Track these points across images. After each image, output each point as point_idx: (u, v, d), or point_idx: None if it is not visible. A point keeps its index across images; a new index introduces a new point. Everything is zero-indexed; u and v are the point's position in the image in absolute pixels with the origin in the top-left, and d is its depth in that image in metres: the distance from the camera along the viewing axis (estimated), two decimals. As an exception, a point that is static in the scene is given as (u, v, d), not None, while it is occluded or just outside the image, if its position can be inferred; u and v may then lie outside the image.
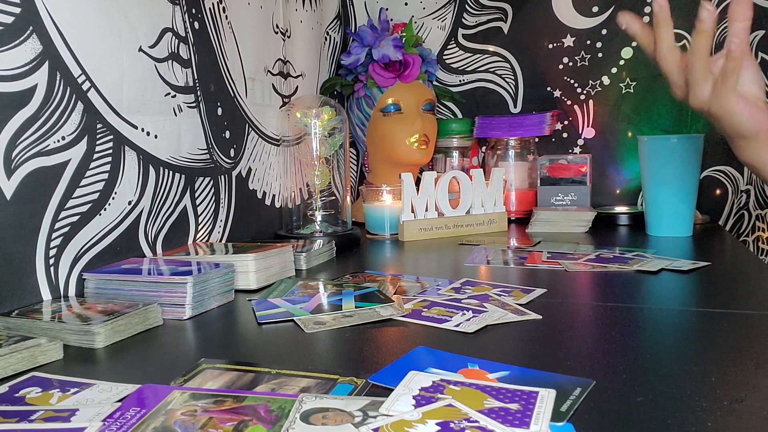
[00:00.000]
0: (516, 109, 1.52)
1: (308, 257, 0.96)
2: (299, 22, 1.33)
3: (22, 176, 0.67)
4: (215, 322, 0.70)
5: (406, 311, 0.68)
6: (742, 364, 0.52)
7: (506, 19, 1.51)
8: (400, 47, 1.37)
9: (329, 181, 1.17)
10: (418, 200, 1.21)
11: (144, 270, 0.75)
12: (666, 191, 1.15)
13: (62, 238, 0.73)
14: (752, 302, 0.72)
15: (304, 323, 0.65)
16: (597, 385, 0.47)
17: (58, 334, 0.60)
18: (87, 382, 0.50)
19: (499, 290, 0.77)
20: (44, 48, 0.70)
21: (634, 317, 0.67)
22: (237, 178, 1.09)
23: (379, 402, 0.44)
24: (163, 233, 0.90)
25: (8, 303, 0.66)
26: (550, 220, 1.28)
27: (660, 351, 0.57)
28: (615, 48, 1.42)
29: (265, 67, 1.18)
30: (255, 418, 0.42)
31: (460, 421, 0.41)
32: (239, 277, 0.81)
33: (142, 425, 0.42)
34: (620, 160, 1.44)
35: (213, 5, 1.01)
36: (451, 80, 1.57)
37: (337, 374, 0.50)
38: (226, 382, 0.50)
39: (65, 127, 0.73)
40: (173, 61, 0.91)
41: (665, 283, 0.82)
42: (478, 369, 0.51)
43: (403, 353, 0.55)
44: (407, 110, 1.38)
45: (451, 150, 1.51)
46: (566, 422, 0.41)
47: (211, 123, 1.01)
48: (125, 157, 0.82)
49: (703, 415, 0.42)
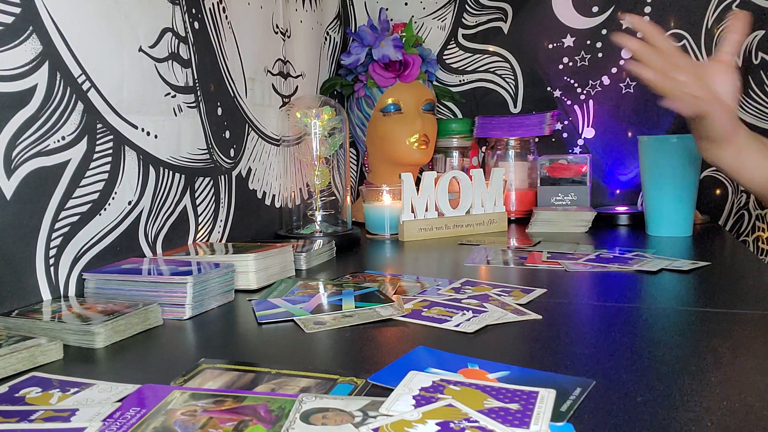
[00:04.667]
0: (516, 109, 1.52)
1: (308, 257, 0.96)
2: (299, 22, 1.33)
3: (22, 176, 0.67)
4: (215, 322, 0.70)
5: (406, 311, 0.68)
6: (741, 364, 0.52)
7: (506, 19, 1.51)
8: (400, 47, 1.37)
9: (329, 181, 1.17)
10: (418, 200, 1.21)
11: (144, 270, 0.75)
12: (666, 191, 1.15)
13: (62, 238, 0.73)
14: (752, 302, 0.72)
15: (304, 323, 0.65)
16: (597, 385, 0.47)
17: (58, 334, 0.60)
18: (87, 382, 0.50)
19: (499, 290, 0.77)
20: (44, 48, 0.70)
21: (634, 317, 0.67)
22: (237, 178, 1.08)
23: (379, 402, 0.44)
24: (163, 233, 0.90)
25: (8, 303, 0.66)
26: (550, 220, 1.28)
27: (660, 351, 0.57)
28: (615, 48, 1.41)
29: (265, 67, 1.18)
30: (255, 418, 0.42)
31: (460, 421, 0.41)
32: (239, 277, 0.81)
33: (142, 425, 0.42)
34: (620, 160, 1.44)
35: (213, 5, 1.01)
36: (451, 80, 1.57)
37: (337, 374, 0.50)
38: (226, 382, 0.50)
39: (65, 127, 0.73)
40: (173, 61, 0.91)
41: (665, 283, 0.82)
42: (478, 369, 0.51)
43: (403, 353, 0.55)
44: (407, 110, 1.38)
45: (451, 150, 1.51)
46: (566, 422, 0.41)
47: (211, 123, 1.01)
48: (125, 157, 0.82)
49: (703, 415, 0.42)
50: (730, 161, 0.80)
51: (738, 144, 0.78)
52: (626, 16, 0.81)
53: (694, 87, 0.75)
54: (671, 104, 0.76)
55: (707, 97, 0.75)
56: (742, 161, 0.80)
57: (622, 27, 1.40)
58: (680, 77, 0.75)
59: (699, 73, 0.77)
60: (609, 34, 1.42)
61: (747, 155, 0.79)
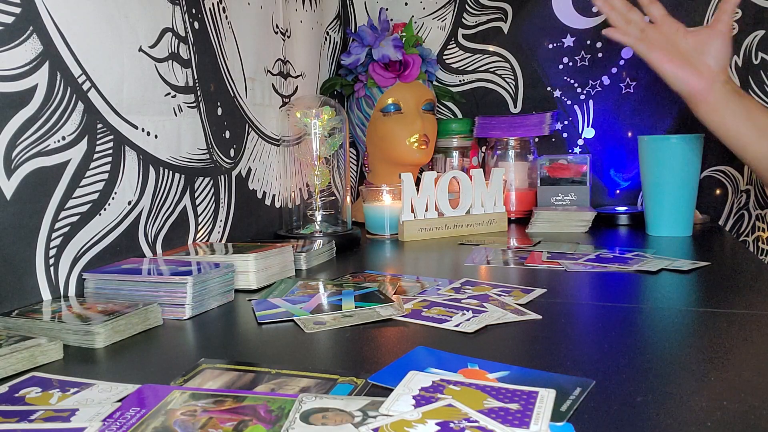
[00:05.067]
0: (516, 109, 1.52)
1: (308, 257, 0.96)
2: (299, 22, 1.33)
3: (22, 176, 0.67)
4: (215, 322, 0.70)
5: (406, 311, 0.68)
6: (741, 364, 0.52)
7: (506, 19, 1.51)
8: (400, 47, 1.37)
9: (329, 181, 1.17)
10: (418, 200, 1.21)
11: (144, 270, 0.75)
12: (666, 191, 1.15)
13: (62, 238, 0.73)
14: (752, 302, 0.72)
15: (304, 323, 0.65)
16: (597, 385, 0.47)
17: (58, 334, 0.60)
18: (87, 382, 0.50)
19: (499, 290, 0.77)
20: (44, 48, 0.70)
21: (634, 317, 0.67)
22: (237, 178, 1.09)
23: (379, 402, 0.44)
24: (163, 233, 0.90)
25: (8, 303, 0.66)
26: (550, 220, 1.28)
27: (660, 351, 0.57)
28: (615, 48, 1.41)
29: (265, 67, 1.18)
30: (255, 418, 0.42)
31: (460, 421, 0.41)
32: (239, 277, 0.81)
33: (142, 425, 0.42)
34: (620, 160, 1.44)
35: (213, 5, 1.01)
36: (451, 80, 1.57)
37: (337, 374, 0.50)
38: (226, 382, 0.50)
39: (65, 127, 0.73)
40: (173, 61, 0.91)
41: (665, 283, 0.82)
42: (478, 369, 0.51)
43: (403, 353, 0.55)
44: (407, 110, 1.38)
45: (451, 150, 1.51)
46: (566, 422, 0.41)
47: (211, 123, 1.01)
48: (125, 157, 0.82)
49: (703, 415, 0.42)
50: (710, 122, 0.89)
51: (710, 103, 0.87)
52: None
53: (651, 34, 0.90)
54: (614, 35, 0.93)
55: (663, 48, 0.89)
56: (722, 122, 0.88)
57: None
58: (634, 17, 0.92)
59: (678, 33, 0.90)
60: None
61: (724, 117, 0.87)
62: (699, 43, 0.89)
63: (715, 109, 0.87)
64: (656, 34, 0.91)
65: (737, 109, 0.86)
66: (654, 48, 0.90)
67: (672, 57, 0.89)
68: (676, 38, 0.90)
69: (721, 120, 0.87)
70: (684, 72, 0.88)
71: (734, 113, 0.86)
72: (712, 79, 0.87)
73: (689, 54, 0.89)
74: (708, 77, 0.87)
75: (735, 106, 0.87)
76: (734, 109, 0.86)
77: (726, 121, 0.87)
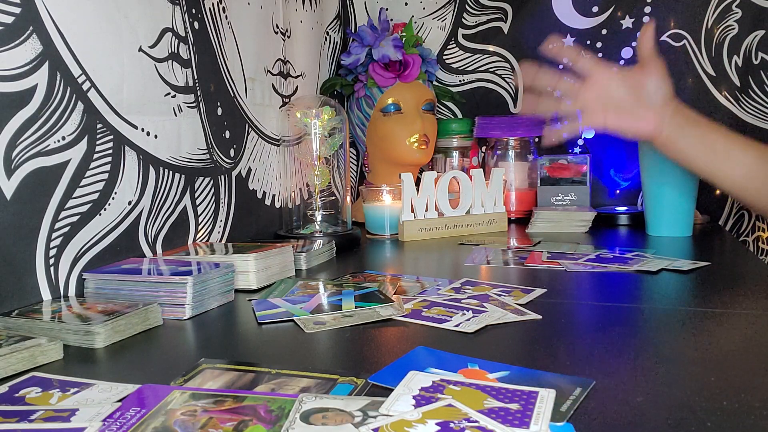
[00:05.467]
0: (516, 109, 1.52)
1: (308, 257, 0.96)
2: (299, 22, 1.33)
3: (22, 176, 0.67)
4: (215, 322, 0.70)
5: (406, 311, 0.68)
6: (741, 365, 0.52)
7: (506, 19, 1.51)
8: (400, 47, 1.37)
9: (329, 181, 1.17)
10: (418, 200, 1.21)
11: (144, 270, 0.75)
12: (666, 191, 1.15)
13: (62, 238, 0.73)
14: (752, 302, 0.72)
15: (304, 323, 0.65)
16: (597, 385, 0.47)
17: (58, 334, 0.60)
18: (87, 382, 0.50)
19: (499, 290, 0.77)
20: (44, 48, 0.70)
21: (634, 317, 0.67)
22: (237, 178, 1.09)
23: (379, 402, 0.44)
24: (163, 233, 0.90)
25: (8, 303, 0.66)
26: (550, 220, 1.28)
27: (660, 351, 0.57)
28: (615, 48, 1.41)
29: (265, 67, 1.18)
30: (255, 418, 0.42)
31: (460, 421, 0.41)
32: (239, 277, 0.81)
33: (142, 425, 0.42)
34: (620, 160, 1.44)
35: (213, 5, 1.01)
36: (451, 80, 1.57)
37: (337, 374, 0.50)
38: (226, 382, 0.50)
39: (65, 127, 0.73)
40: (173, 61, 0.91)
41: (665, 283, 0.82)
42: (478, 369, 0.51)
43: (403, 353, 0.55)
44: (407, 110, 1.38)
45: (451, 150, 1.51)
46: (566, 422, 0.41)
47: (211, 123, 1.01)
48: (125, 157, 0.82)
49: (703, 415, 0.42)
50: (669, 154, 0.88)
51: (663, 138, 0.86)
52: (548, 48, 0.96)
53: (584, 95, 0.89)
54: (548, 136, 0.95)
55: (599, 108, 0.88)
56: (681, 154, 0.86)
57: (621, 27, 1.40)
58: (562, 86, 0.91)
59: (611, 84, 0.88)
60: (609, 34, 1.42)
61: (681, 148, 0.86)
62: (633, 88, 0.87)
63: (671, 142, 0.86)
64: (589, 92, 0.88)
65: (692, 139, 0.85)
66: (590, 112, 0.88)
67: (610, 113, 0.87)
68: (609, 90, 0.88)
69: (680, 151, 0.86)
70: (626, 123, 0.87)
71: (690, 143, 0.85)
72: (658, 117, 0.86)
73: (626, 102, 0.87)
74: (652, 118, 0.86)
75: (690, 136, 0.85)
76: (689, 140, 0.85)
77: (684, 152, 0.86)
